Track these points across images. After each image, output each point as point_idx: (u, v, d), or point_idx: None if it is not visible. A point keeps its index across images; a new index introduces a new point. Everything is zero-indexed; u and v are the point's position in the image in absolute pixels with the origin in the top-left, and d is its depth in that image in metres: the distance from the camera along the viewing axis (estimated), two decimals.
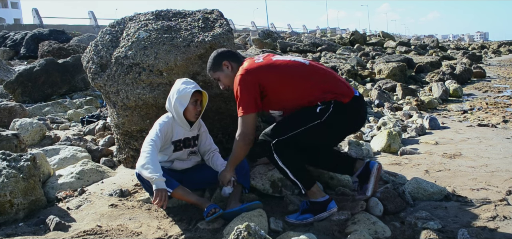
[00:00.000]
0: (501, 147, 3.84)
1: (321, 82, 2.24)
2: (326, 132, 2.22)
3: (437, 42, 26.30)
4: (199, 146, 2.57)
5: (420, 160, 3.46)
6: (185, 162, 2.53)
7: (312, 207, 2.25)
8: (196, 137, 2.52)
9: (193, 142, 2.51)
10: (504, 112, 5.88)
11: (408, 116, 5.61)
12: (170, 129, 2.39)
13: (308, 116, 2.19)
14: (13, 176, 2.37)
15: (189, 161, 2.54)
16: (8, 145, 3.12)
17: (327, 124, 2.17)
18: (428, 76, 10.75)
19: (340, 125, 2.26)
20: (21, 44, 14.05)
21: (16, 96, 6.74)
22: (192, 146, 2.50)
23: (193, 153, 2.53)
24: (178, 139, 2.44)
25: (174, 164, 2.49)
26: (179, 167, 2.50)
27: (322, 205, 2.25)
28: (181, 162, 2.51)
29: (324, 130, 2.19)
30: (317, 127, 2.17)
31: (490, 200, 2.48)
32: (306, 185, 2.26)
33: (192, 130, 2.48)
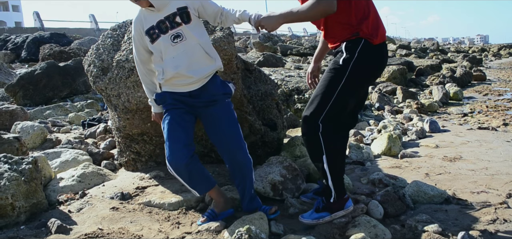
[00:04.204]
0: (502, 150, 3.84)
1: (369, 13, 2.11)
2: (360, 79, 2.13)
3: (438, 45, 26.32)
4: (195, 24, 2.16)
5: (421, 163, 3.46)
6: (176, 55, 2.13)
7: (329, 205, 2.20)
8: (173, 15, 2.11)
9: (170, 22, 2.11)
10: (504, 115, 5.88)
11: (408, 119, 5.62)
12: (140, 24, 2.16)
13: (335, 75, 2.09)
14: (15, 179, 2.38)
15: (179, 49, 2.12)
16: (9, 148, 3.14)
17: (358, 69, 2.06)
18: (428, 80, 10.75)
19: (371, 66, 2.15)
20: (22, 47, 14.10)
21: (17, 99, 6.76)
22: (171, 27, 2.11)
23: (178, 36, 2.11)
24: (150, 26, 2.13)
25: (166, 70, 2.15)
26: (172, 68, 2.13)
27: (340, 202, 2.21)
28: (171, 59, 2.13)
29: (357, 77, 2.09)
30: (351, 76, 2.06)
31: (491, 203, 2.48)
32: (339, 195, 2.19)
33: (162, 9, 2.12)
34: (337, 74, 2.08)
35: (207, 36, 2.24)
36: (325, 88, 2.11)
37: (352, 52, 2.07)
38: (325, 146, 2.10)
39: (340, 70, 2.08)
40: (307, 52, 14.95)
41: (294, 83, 5.80)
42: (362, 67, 2.09)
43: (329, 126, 2.10)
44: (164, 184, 2.80)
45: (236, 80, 2.83)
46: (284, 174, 2.60)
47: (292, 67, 9.58)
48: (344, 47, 2.10)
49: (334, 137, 2.14)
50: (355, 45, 2.07)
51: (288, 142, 3.41)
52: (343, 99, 2.09)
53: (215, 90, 2.21)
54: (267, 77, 3.61)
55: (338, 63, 2.09)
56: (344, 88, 2.07)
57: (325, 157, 2.12)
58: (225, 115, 2.24)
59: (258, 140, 3.15)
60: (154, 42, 2.14)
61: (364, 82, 2.22)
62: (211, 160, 3.17)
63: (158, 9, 2.11)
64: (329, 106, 2.08)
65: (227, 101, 2.27)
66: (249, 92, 3.23)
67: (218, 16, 2.20)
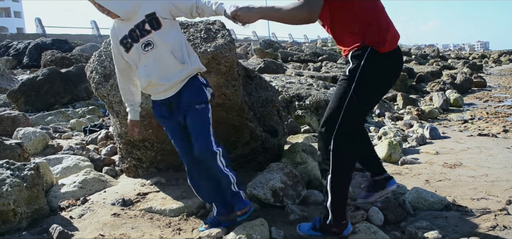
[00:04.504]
0: (502, 156, 3.85)
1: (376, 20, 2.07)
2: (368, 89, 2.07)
3: (438, 51, 26.38)
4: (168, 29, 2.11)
5: (421, 169, 3.47)
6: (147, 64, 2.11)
7: (325, 227, 2.12)
8: (142, 22, 2.07)
9: (140, 30, 2.08)
10: (504, 122, 5.89)
11: (408, 126, 5.63)
12: (115, 34, 2.17)
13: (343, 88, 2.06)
14: (17, 185, 2.40)
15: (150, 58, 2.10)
16: (11, 154, 3.15)
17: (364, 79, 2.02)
18: (428, 86, 10.78)
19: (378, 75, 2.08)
20: (24, 53, 14.15)
21: (19, 105, 6.79)
22: (142, 35, 2.08)
23: (148, 44, 2.08)
24: (123, 36, 2.12)
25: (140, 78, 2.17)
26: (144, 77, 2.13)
27: (337, 226, 2.11)
28: (144, 67, 2.12)
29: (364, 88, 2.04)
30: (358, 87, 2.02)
31: (490, 210, 2.49)
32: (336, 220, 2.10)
33: (132, 18, 2.09)
34: (345, 86, 2.05)
35: (180, 40, 2.16)
36: (334, 103, 2.08)
37: (357, 62, 2.03)
38: (333, 165, 2.04)
39: (347, 81, 2.05)
40: (308, 59, 15.00)
41: (295, 89, 5.82)
42: (369, 76, 2.02)
43: (342, 143, 2.04)
44: (165, 190, 2.82)
45: (237, 87, 2.85)
46: (284, 181, 2.61)
47: (293, 73, 9.61)
48: (351, 56, 2.06)
49: (345, 157, 2.07)
50: (361, 54, 2.02)
51: (289, 149, 3.42)
52: (353, 110, 2.04)
53: (190, 98, 2.16)
54: (268, 83, 3.63)
55: (345, 74, 2.07)
56: (353, 100, 2.02)
57: (330, 176, 2.05)
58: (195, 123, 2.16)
59: (259, 146, 3.17)
60: (129, 52, 2.13)
61: (374, 91, 2.14)
62: None
63: (127, 19, 2.09)
64: (340, 120, 2.03)
65: (201, 108, 2.17)
66: (250, 99, 3.25)
67: (194, 10, 2.14)
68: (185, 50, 2.16)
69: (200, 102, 2.16)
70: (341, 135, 2.03)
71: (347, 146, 2.05)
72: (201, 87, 2.19)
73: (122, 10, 2.06)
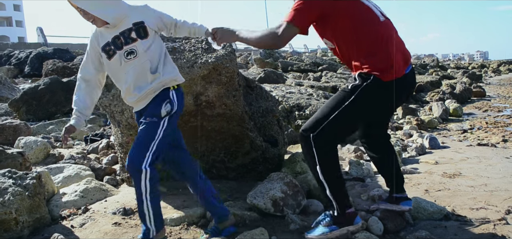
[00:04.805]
0: (501, 166, 3.87)
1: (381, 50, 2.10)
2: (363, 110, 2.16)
3: (437, 61, 26.50)
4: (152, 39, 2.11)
5: (420, 179, 3.49)
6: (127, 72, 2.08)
7: (337, 219, 2.18)
8: (128, 30, 2.06)
9: (125, 38, 2.06)
10: (503, 132, 5.91)
11: (408, 135, 5.65)
12: (96, 40, 2.13)
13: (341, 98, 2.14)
14: (19, 194, 2.41)
15: (130, 66, 2.07)
16: (13, 163, 3.17)
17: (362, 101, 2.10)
18: (428, 96, 10.81)
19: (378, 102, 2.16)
20: (25, 62, 14.23)
21: (20, 114, 6.82)
22: (126, 43, 2.06)
23: (131, 53, 2.06)
24: (105, 43, 2.09)
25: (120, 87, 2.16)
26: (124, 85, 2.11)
27: (346, 217, 2.18)
28: (124, 75, 2.10)
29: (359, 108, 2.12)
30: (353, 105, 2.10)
31: (489, 220, 2.51)
32: (341, 207, 2.17)
33: (118, 25, 2.07)
34: (343, 97, 2.14)
35: (161, 51, 2.15)
36: (326, 107, 2.16)
37: (361, 82, 2.11)
38: (318, 155, 2.13)
39: (347, 94, 2.13)
40: (308, 69, 15.07)
41: (295, 99, 5.85)
42: (368, 100, 2.11)
43: (321, 143, 2.12)
44: (165, 200, 2.83)
45: (238, 97, 2.88)
46: (285, 190, 2.62)
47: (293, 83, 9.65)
48: (358, 75, 2.14)
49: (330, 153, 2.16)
50: (366, 77, 2.10)
51: (289, 158, 3.44)
52: (342, 121, 2.11)
53: (148, 111, 2.11)
54: (268, 93, 3.66)
55: (347, 87, 2.16)
56: (345, 112, 2.10)
57: (318, 167, 2.14)
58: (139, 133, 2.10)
59: (259, 156, 3.19)
60: (111, 59, 2.09)
61: (369, 112, 2.20)
62: (212, 175, 3.20)
63: (113, 25, 2.07)
64: (326, 123, 2.11)
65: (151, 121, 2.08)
66: (251, 109, 3.28)
67: (172, 28, 2.22)
68: (161, 61, 2.13)
69: (152, 115, 2.09)
70: (322, 136, 2.11)
71: (326, 148, 2.14)
72: (162, 101, 2.11)
73: (111, 16, 2.04)
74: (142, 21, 2.08)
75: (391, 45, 2.13)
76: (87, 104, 2.22)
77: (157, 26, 2.14)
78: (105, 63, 2.13)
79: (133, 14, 2.09)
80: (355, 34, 2.10)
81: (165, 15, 2.19)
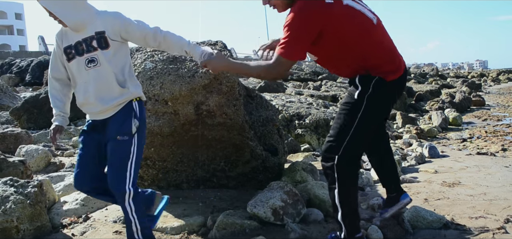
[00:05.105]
0: (500, 175, 3.88)
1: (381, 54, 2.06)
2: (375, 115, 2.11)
3: (437, 70, 26.64)
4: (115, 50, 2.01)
5: (420, 188, 3.50)
6: (87, 81, 2.02)
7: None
8: (90, 38, 1.98)
9: (87, 46, 1.98)
10: (503, 141, 5.94)
11: (408, 144, 5.67)
12: (60, 39, 2.06)
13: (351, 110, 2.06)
14: (20, 202, 2.43)
15: (91, 75, 2.00)
16: (14, 171, 3.19)
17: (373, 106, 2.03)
18: (427, 105, 10.85)
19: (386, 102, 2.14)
20: (26, 71, 14.31)
21: (21, 122, 6.84)
22: (87, 51, 1.98)
23: (92, 61, 1.98)
24: (68, 45, 2.02)
25: (77, 94, 2.08)
26: (82, 93, 2.04)
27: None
28: (83, 83, 2.03)
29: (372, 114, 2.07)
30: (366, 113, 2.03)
31: (488, 229, 2.52)
32: (350, 233, 2.11)
33: (81, 30, 1.99)
34: (353, 109, 2.05)
35: (125, 63, 2.07)
36: (341, 125, 2.07)
37: (366, 86, 2.03)
38: (338, 179, 2.05)
39: (356, 104, 2.04)
40: (307, 78, 15.13)
41: (295, 109, 5.88)
42: (377, 103, 2.06)
43: (344, 164, 2.05)
44: (166, 209, 2.83)
45: (238, 107, 2.91)
46: (285, 199, 2.64)
47: (293, 92, 9.70)
48: (358, 80, 2.06)
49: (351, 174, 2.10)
50: (369, 80, 2.03)
51: (289, 167, 3.46)
52: (360, 134, 2.05)
53: (115, 128, 2.03)
54: (268, 103, 3.69)
55: (353, 97, 2.06)
56: (361, 124, 2.03)
57: (337, 191, 2.07)
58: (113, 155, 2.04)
59: (259, 165, 3.21)
60: (70, 62, 2.03)
61: (380, 117, 2.19)
62: (212, 184, 3.21)
63: (75, 30, 2.00)
64: (347, 142, 2.03)
65: (123, 139, 2.02)
66: (251, 118, 3.31)
67: (151, 40, 2.07)
68: (127, 74, 2.07)
69: (123, 133, 2.02)
70: (345, 157, 2.04)
71: (349, 169, 2.08)
72: (129, 117, 2.05)
73: (72, 20, 1.97)
74: (104, 31, 1.99)
75: (388, 47, 2.10)
76: (65, 102, 2.18)
77: (121, 36, 2.03)
78: (65, 64, 2.08)
79: (99, 21, 2.00)
80: (350, 44, 2.01)
81: (135, 26, 2.05)
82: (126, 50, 2.10)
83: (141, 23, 2.06)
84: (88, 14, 1.99)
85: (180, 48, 2.12)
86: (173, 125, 2.81)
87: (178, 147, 3.00)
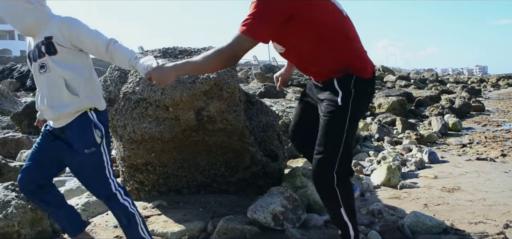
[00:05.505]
0: (499, 180, 3.89)
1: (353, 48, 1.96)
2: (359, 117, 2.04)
3: (437, 76, 26.67)
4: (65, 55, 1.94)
5: (419, 193, 3.51)
6: (41, 87, 2.02)
7: None
8: (41, 43, 1.94)
9: (39, 51, 1.95)
10: (502, 146, 5.95)
11: (407, 150, 5.68)
12: (28, 43, 2.07)
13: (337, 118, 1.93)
14: (22, 207, 2.44)
15: (43, 81, 1.98)
16: (15, 176, 3.19)
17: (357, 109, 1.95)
18: (427, 110, 10.87)
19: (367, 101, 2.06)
20: (27, 76, 14.32)
21: (22, 127, 6.85)
22: (39, 56, 1.95)
23: (43, 67, 1.95)
24: (30, 50, 2.02)
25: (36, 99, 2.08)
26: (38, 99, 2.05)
27: None
28: (39, 89, 2.04)
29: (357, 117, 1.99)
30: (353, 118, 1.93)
31: (488, 234, 2.53)
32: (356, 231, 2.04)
33: (37, 35, 1.97)
34: (339, 117, 1.92)
35: (79, 69, 2.00)
36: (331, 136, 1.93)
37: (347, 88, 1.91)
38: (342, 197, 1.95)
39: (341, 111, 1.92)
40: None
41: None
42: (361, 101, 1.98)
43: (343, 177, 1.96)
44: (166, 214, 2.85)
45: (239, 113, 2.93)
46: (285, 204, 2.65)
47: (293, 98, 9.72)
48: (337, 84, 1.93)
49: (348, 183, 2.03)
50: (348, 81, 1.91)
51: (289, 173, 3.47)
52: (350, 140, 1.95)
53: (77, 142, 1.99)
54: (269, 108, 3.71)
55: (337, 104, 1.92)
56: (349, 131, 1.93)
57: (343, 209, 1.97)
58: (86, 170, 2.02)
59: (259, 171, 3.22)
60: (31, 65, 2.05)
61: (363, 114, 2.18)
62: (213, 190, 3.22)
63: (28, 34, 2.00)
64: (340, 153, 1.91)
65: (90, 152, 1.98)
66: (251, 123, 3.32)
67: (103, 51, 1.97)
68: (82, 83, 1.99)
69: (89, 145, 1.97)
70: (342, 170, 1.94)
71: (347, 180, 2.03)
72: (89, 128, 1.99)
73: (20, 25, 1.95)
74: (51, 36, 1.93)
75: (360, 42, 2.02)
76: None
77: (71, 43, 1.95)
78: None
79: (51, 26, 1.95)
80: (327, 36, 1.89)
81: (87, 34, 1.96)
82: (83, 58, 2.02)
83: (95, 32, 1.97)
84: (37, 18, 1.94)
85: (127, 62, 1.98)
86: (174, 130, 2.83)
87: (179, 152, 3.02)
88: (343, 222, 2.00)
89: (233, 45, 1.81)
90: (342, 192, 1.95)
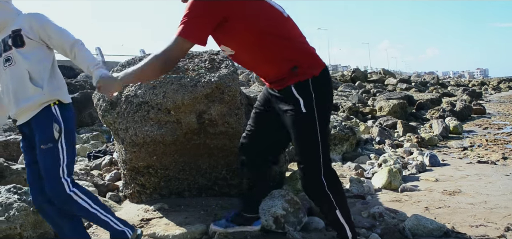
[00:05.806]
0: (500, 183, 3.89)
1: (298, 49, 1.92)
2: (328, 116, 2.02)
3: (438, 79, 26.67)
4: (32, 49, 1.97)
5: (420, 196, 3.51)
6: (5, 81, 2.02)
7: None
8: (7, 37, 1.97)
9: (4, 45, 1.97)
10: (503, 149, 5.95)
11: (408, 153, 5.69)
12: None
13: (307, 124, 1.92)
14: (24, 209, 2.45)
15: (8, 75, 1.99)
16: (17, 179, 3.21)
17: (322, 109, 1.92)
18: (428, 113, 10.87)
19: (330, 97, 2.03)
20: None
21: None
22: (4, 50, 1.97)
23: (8, 60, 1.96)
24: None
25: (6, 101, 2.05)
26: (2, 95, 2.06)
27: None
28: (3, 84, 2.04)
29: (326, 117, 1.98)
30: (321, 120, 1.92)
31: (489, 237, 2.53)
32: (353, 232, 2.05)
33: (3, 30, 2.00)
34: (308, 123, 1.91)
35: (44, 64, 2.01)
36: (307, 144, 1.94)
37: (307, 93, 1.89)
38: (335, 200, 1.98)
39: (308, 117, 1.90)
40: None
41: None
42: (325, 100, 1.95)
43: (331, 178, 1.98)
44: (168, 216, 2.86)
45: (240, 116, 2.94)
46: (286, 207, 2.65)
47: None
48: (296, 92, 1.90)
49: (338, 183, 2.03)
50: (305, 85, 1.90)
51: (290, 176, 3.47)
52: (326, 142, 1.95)
53: (38, 136, 1.97)
54: None
55: (301, 112, 1.90)
56: (322, 133, 1.92)
57: (338, 211, 1.99)
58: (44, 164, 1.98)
59: None
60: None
61: (330, 110, 2.08)
62: (214, 192, 3.23)
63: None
64: (322, 157, 1.92)
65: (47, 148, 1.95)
66: None
67: (68, 52, 2.02)
68: (47, 77, 2.00)
69: (46, 141, 1.95)
70: (328, 171, 1.96)
71: (336, 180, 2.03)
72: (49, 122, 1.98)
73: None
74: (20, 29, 1.95)
75: (305, 40, 1.99)
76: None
77: (40, 37, 1.99)
78: None
79: (18, 21, 1.98)
80: (262, 34, 1.86)
81: (55, 30, 2.00)
82: (47, 53, 2.05)
83: (63, 30, 2.02)
84: (5, 13, 1.98)
85: (86, 67, 2.02)
86: (176, 133, 2.84)
87: (180, 155, 3.03)
88: (340, 225, 2.02)
89: (168, 50, 1.81)
90: (335, 195, 1.97)
